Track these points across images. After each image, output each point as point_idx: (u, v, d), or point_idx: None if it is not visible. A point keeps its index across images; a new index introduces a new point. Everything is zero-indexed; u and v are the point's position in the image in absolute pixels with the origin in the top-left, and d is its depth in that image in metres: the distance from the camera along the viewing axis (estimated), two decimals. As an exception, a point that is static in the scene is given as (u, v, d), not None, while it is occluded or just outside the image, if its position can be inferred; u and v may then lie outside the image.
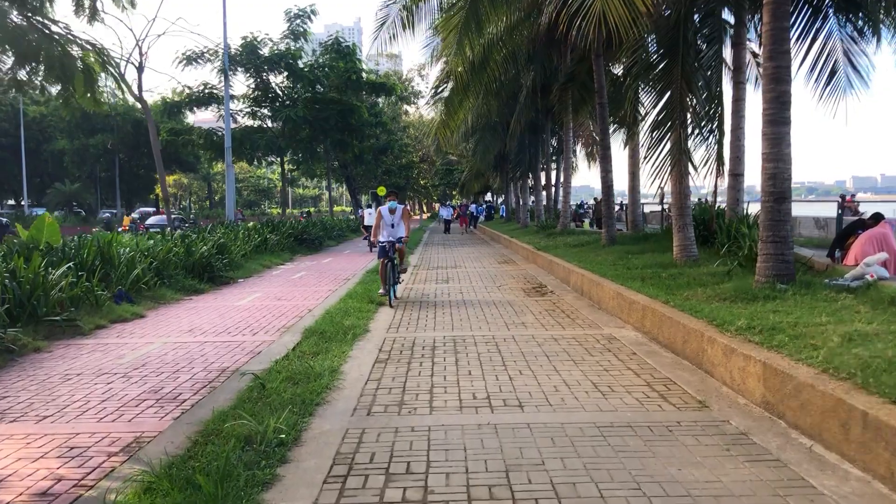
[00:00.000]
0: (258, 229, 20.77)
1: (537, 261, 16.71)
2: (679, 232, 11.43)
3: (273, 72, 30.38)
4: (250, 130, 30.89)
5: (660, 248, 13.94)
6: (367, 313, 9.67)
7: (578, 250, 15.74)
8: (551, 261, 14.74)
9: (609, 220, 16.10)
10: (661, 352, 7.09)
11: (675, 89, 10.60)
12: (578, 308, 10.10)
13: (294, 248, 22.79)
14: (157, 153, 17.64)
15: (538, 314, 9.64)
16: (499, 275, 15.07)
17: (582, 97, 20.49)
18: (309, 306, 10.91)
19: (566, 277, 12.90)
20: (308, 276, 15.63)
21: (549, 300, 11.02)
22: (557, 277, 13.76)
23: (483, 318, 9.33)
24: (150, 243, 13.49)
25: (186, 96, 29.26)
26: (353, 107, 31.04)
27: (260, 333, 8.72)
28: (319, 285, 13.91)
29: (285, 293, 12.65)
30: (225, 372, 6.73)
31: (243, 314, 10.29)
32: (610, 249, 14.91)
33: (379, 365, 6.74)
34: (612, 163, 16.20)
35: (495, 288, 12.79)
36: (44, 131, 53.32)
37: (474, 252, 22.75)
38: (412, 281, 14.23)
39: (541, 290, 12.49)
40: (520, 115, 24.04)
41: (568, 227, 22.29)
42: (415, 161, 67.37)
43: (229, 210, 26.61)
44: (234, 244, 16.89)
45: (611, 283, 9.95)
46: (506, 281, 13.93)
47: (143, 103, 17.71)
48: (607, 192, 16.16)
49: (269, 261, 18.77)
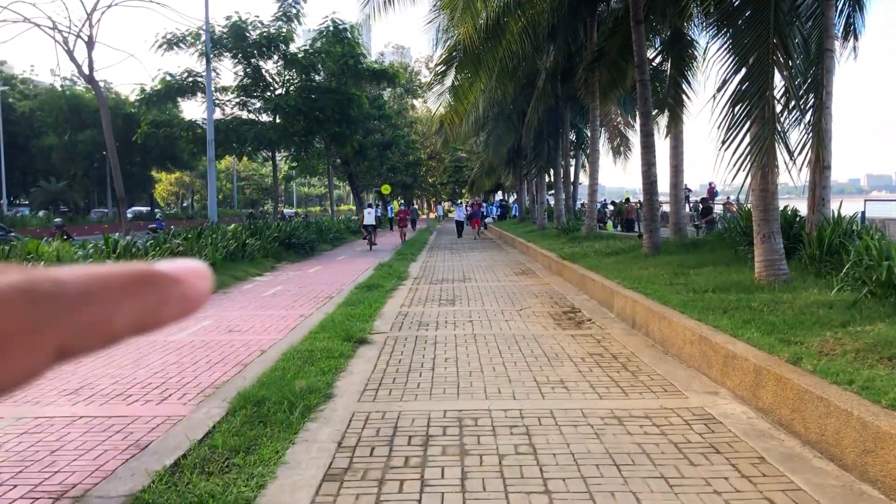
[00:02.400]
0: (236, 233, 17.97)
1: (564, 273, 13.81)
2: (763, 242, 8.50)
3: (263, 58, 27.57)
4: (238, 122, 28.09)
5: (720, 259, 11.05)
6: (339, 360, 6.82)
7: (615, 261, 12.83)
8: (583, 275, 11.84)
9: (653, 224, 13.19)
10: (807, 456, 4.19)
11: (766, 48, 7.68)
12: (635, 351, 7.21)
13: (279, 255, 19.97)
14: (111, 143, 14.92)
15: (580, 362, 6.76)
16: (518, 292, 12.18)
17: (612, 78, 17.59)
18: (265, 344, 8.07)
19: (607, 299, 10.00)
20: (283, 294, 12.80)
21: (591, 335, 8.13)
22: (594, 298, 10.85)
23: (503, 371, 6.45)
24: (78, 255, 10.68)
25: (166, 84, 26.46)
26: (352, 96, 28.13)
27: (173, 398, 5.88)
28: (292, 307, 11.08)
29: (243, 321, 9.82)
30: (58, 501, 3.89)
31: (170, 357, 7.46)
32: (656, 260, 12.00)
33: (329, 485, 3.90)
34: (655, 153, 13.28)
35: (515, 313, 9.91)
36: (33, 127, 50.75)
37: (486, 259, 19.85)
38: (409, 301, 11.37)
39: (574, 316, 9.59)
40: (538, 102, 21.11)
41: (594, 231, 19.36)
42: (422, 158, 64.49)
43: (212, 210, 23.83)
44: (195, 253, 14.09)
45: (682, 316, 7.05)
46: (527, 301, 11.04)
47: (93, 84, 14.99)
48: (650, 189, 13.24)
49: (245, 271, 15.96)
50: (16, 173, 57.27)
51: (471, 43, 13.48)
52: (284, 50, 27.17)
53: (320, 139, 32.62)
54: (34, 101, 50.12)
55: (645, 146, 13.24)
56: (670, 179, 15.43)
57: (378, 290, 12.34)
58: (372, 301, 10.88)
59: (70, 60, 14.74)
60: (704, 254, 12.11)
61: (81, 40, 14.69)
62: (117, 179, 14.87)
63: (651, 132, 13.33)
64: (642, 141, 13.27)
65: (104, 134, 15.10)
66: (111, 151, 15.05)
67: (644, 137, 13.25)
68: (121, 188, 15.05)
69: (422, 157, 63.68)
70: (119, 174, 14.97)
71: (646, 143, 13.23)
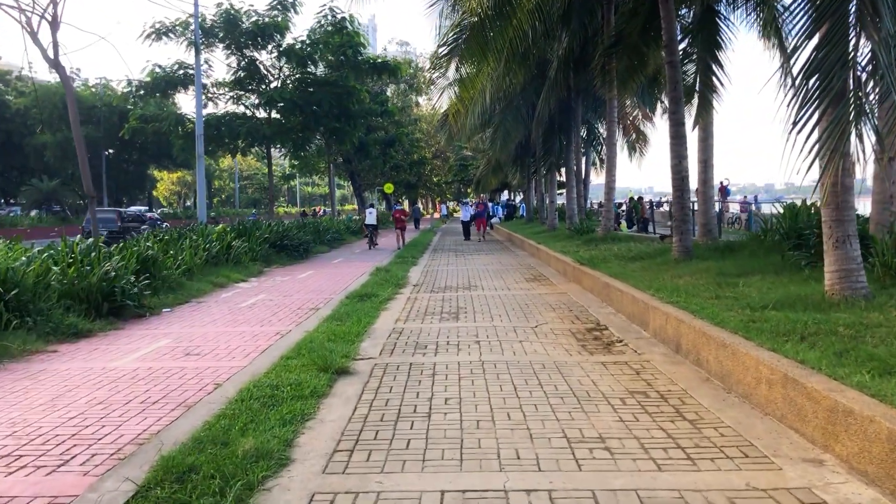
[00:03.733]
0: (220, 235, 16.46)
1: (582, 281, 12.24)
2: (836, 249, 6.92)
3: (258, 48, 26.04)
4: (232, 117, 26.59)
5: (766, 266, 9.49)
6: (309, 402, 5.30)
7: (642, 267, 11.27)
8: (607, 284, 10.27)
9: (684, 226, 11.62)
10: None
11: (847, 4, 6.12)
12: (688, 388, 5.65)
13: (270, 258, 18.46)
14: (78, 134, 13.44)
15: (620, 405, 5.21)
16: (531, 303, 10.62)
17: (632, 65, 16.04)
18: (223, 374, 6.54)
19: (639, 315, 8.43)
20: (264, 304, 11.28)
21: (626, 363, 6.57)
22: (622, 312, 9.28)
23: (520, 420, 4.90)
24: (21, 260, 9.18)
25: (155, 77, 24.94)
26: (352, 89, 26.53)
27: (75, 462, 4.35)
28: (270, 322, 9.56)
29: (208, 340, 8.29)
30: None
31: (99, 393, 5.93)
32: (690, 267, 10.44)
33: None
34: (686, 145, 11.69)
35: (530, 330, 8.36)
36: (27, 124, 49.40)
37: (493, 263, 18.29)
38: (406, 314, 9.83)
39: (601, 335, 8.04)
40: (549, 93, 19.53)
41: (611, 232, 17.80)
42: (427, 157, 62.95)
43: (201, 210, 22.42)
44: (169, 257, 12.57)
45: (749, 344, 5.49)
46: (543, 315, 9.49)
47: (59, 69, 13.49)
48: (681, 185, 11.66)
49: (228, 277, 14.45)
50: (13, 172, 56.01)
51: (478, 19, 11.94)
52: (279, 40, 25.65)
53: (320, 135, 31.14)
54: (28, 97, 48.75)
55: (675, 137, 11.66)
56: (699, 176, 13.86)
57: (371, 300, 10.81)
58: (363, 315, 9.35)
59: (34, 43, 13.21)
60: (744, 259, 10.54)
61: (46, 21, 13.17)
62: (85, 175, 13.38)
63: (682, 121, 11.75)
64: (672, 132, 11.69)
65: (71, 124, 13.61)
66: (78, 143, 13.56)
67: (674, 127, 11.67)
68: (89, 185, 13.56)
69: (426, 156, 62.17)
70: (87, 169, 13.49)
71: (676, 134, 11.66)
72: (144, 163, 53.42)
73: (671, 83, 11.64)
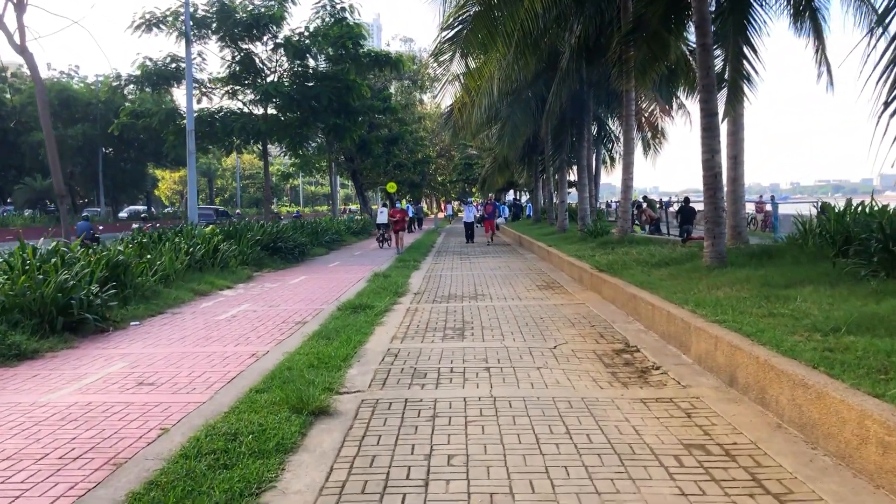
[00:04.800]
0: (206, 237, 15.24)
1: (602, 289, 10.99)
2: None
3: (253, 40, 24.82)
4: (226, 113, 25.38)
5: (816, 276, 8.27)
6: (269, 461, 4.09)
7: (669, 274, 10.02)
8: (634, 295, 9.02)
9: (717, 229, 10.37)
10: None
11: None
12: (757, 440, 4.41)
13: (262, 261, 17.26)
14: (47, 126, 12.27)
15: (676, 468, 3.97)
16: (546, 316, 9.37)
17: (651, 54, 14.80)
18: (175, 414, 5.32)
19: (677, 335, 7.18)
20: (244, 316, 10.07)
21: (671, 400, 5.33)
22: (654, 330, 8.03)
23: (547, 491, 3.67)
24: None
25: (145, 70, 23.73)
26: (352, 83, 25.26)
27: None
28: (246, 340, 8.35)
29: (169, 364, 7.08)
30: None
31: (8, 444, 4.72)
32: (726, 275, 9.18)
33: None
34: (720, 138, 10.43)
35: (548, 353, 7.13)
36: (24, 122, 48.29)
37: (501, 267, 17.04)
38: (405, 330, 8.60)
39: (633, 359, 6.79)
40: (560, 86, 18.26)
41: (628, 234, 16.54)
42: (431, 156, 61.68)
43: (191, 209, 21.22)
44: (143, 263, 11.36)
45: (841, 386, 4.24)
46: (562, 331, 8.25)
47: (25, 55, 12.34)
48: (713, 183, 10.39)
49: (213, 282, 13.25)
50: (11, 171, 54.93)
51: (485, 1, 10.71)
52: (276, 31, 24.43)
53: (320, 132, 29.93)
54: (24, 94, 47.65)
55: (707, 129, 10.39)
56: (728, 173, 12.57)
57: (366, 312, 9.59)
58: (354, 331, 8.14)
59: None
60: (787, 267, 9.28)
61: (11, 3, 12.00)
62: (55, 172, 12.27)
63: (715, 111, 10.48)
64: (703, 123, 10.43)
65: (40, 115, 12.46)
66: (48, 136, 12.50)
67: (706, 118, 10.40)
68: (60, 183, 12.48)
69: (430, 155, 60.91)
70: (57, 164, 12.40)
71: (708, 126, 10.39)
72: (142, 161, 52.24)
73: (702, 69, 10.38)
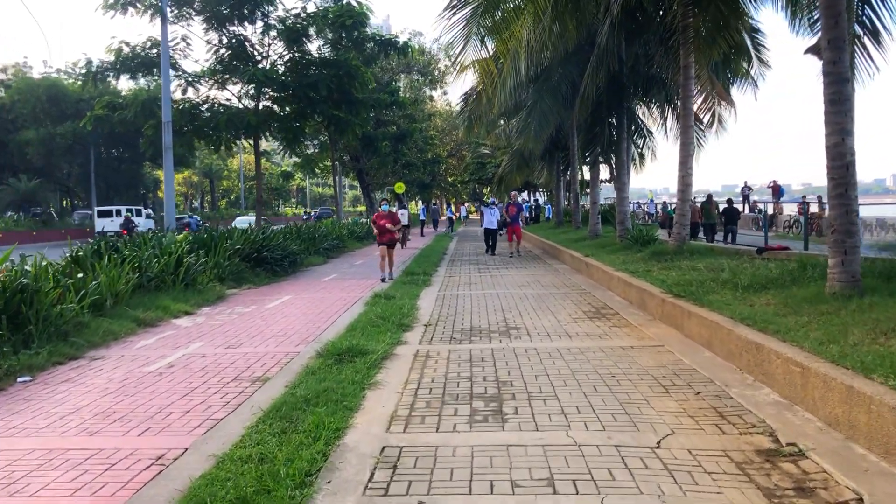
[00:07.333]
0: (171, 248, 12.36)
1: (684, 325, 7.98)
2: None
3: (243, 22, 22.01)
4: (212, 103, 22.56)
5: None
6: None
7: (780, 303, 7.03)
8: (758, 345, 6.02)
9: (849, 241, 7.37)
10: None
11: None
12: None
13: (242, 275, 14.36)
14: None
15: None
16: (621, 373, 6.38)
17: (722, 16, 11.93)
18: None
19: (878, 428, 4.18)
20: (184, 366, 7.16)
21: None
22: (806, 406, 5.02)
23: None
24: None
25: (120, 56, 20.92)
26: (354, 70, 22.34)
27: None
28: (165, 418, 5.45)
29: (10, 479, 4.17)
30: None
31: None
32: (878, 310, 6.17)
33: None
34: (854, 115, 7.45)
35: (652, 455, 4.17)
36: (13, 119, 45.77)
37: (531, 283, 14.04)
38: (410, 401, 5.63)
39: (800, 474, 3.81)
40: (596, 67, 15.22)
41: (686, 242, 13.52)
42: (442, 155, 58.78)
43: (168, 213, 18.45)
44: (57, 289, 8.45)
45: None
46: (654, 403, 5.27)
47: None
48: (843, 177, 7.40)
49: (168, 307, 10.37)
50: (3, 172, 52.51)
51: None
52: (268, 11, 21.60)
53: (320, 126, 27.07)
54: (12, 91, 45.17)
55: (834, 103, 7.37)
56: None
57: (356, 362, 6.66)
58: (333, 403, 5.23)
59: None
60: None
61: None
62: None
63: (846, 75, 7.44)
64: (829, 93, 7.40)
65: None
66: None
67: (834, 86, 7.37)
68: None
69: (441, 154, 58.04)
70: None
71: (836, 97, 7.37)
72: (138, 161, 49.59)
73: (829, 16, 7.37)
